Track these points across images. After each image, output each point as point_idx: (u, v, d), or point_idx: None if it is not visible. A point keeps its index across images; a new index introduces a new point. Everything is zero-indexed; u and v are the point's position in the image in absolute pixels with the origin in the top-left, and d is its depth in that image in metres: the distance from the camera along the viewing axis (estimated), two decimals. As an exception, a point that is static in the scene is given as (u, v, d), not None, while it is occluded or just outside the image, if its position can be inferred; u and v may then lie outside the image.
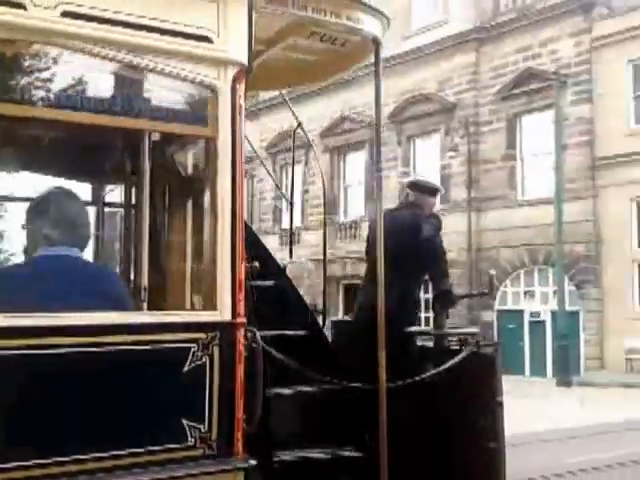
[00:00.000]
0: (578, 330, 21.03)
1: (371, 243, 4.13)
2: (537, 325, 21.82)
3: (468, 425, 3.35)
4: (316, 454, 3.34)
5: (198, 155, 2.70)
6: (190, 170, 2.91)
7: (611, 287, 21.51)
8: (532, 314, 22.09)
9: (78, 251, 2.49)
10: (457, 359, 3.35)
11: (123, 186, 3.04)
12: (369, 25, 2.97)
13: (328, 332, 4.00)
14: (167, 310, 2.68)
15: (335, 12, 2.83)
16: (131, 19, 2.41)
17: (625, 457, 8.13)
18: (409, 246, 3.79)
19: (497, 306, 22.70)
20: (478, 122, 23.02)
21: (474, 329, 3.79)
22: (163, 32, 2.46)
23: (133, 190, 2.98)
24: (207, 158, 2.57)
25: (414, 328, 3.80)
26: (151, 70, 2.46)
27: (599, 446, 6.69)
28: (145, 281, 2.34)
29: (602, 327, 21.55)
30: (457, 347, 3.57)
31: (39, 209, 2.49)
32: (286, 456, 3.23)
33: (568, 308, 19.73)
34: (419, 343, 3.81)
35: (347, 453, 3.44)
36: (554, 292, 20.42)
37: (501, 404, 3.34)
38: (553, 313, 20.42)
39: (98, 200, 3.09)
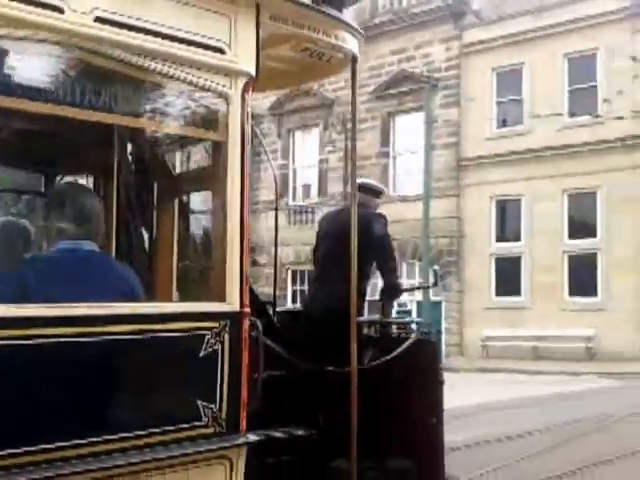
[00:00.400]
0: (440, 319, 22.62)
1: (320, 241, 4.50)
2: (404, 315, 23.27)
3: (414, 403, 3.82)
4: (277, 433, 3.66)
5: (208, 156, 2.92)
6: (201, 170, 3.12)
7: (471, 279, 23.39)
8: (399, 304, 23.44)
9: (95, 244, 2.65)
10: (406, 345, 3.82)
11: (149, 185, 3.17)
12: (351, 44, 3.33)
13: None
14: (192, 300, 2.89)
15: (326, 31, 3.17)
16: (154, 27, 2.59)
17: (479, 438, 9.08)
18: (360, 243, 4.19)
19: (368, 297, 23.81)
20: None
21: (419, 318, 4.27)
22: (181, 41, 2.67)
23: (156, 190, 3.14)
24: (217, 160, 2.81)
25: (363, 318, 4.23)
26: (170, 77, 2.65)
27: (456, 428, 7.37)
28: (175, 274, 2.56)
29: (462, 316, 23.40)
30: (401, 334, 4.04)
31: (57, 204, 2.62)
32: (252, 436, 3.52)
33: (432, 299, 21.12)
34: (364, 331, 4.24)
35: (301, 432, 3.78)
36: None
37: (442, 382, 3.85)
38: (419, 303, 21.63)
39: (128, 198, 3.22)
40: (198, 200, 3.07)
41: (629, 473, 7.38)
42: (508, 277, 23.01)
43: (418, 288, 15.57)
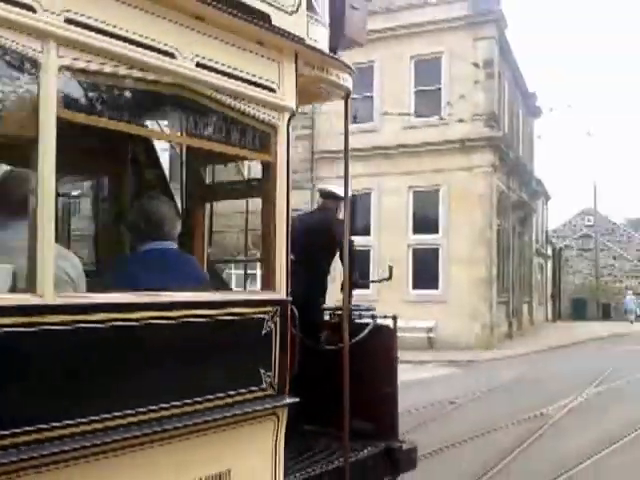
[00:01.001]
0: None
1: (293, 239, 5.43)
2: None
3: (375, 376, 4.93)
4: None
5: (262, 172, 3.80)
6: (256, 183, 3.97)
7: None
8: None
9: (174, 243, 3.46)
10: (368, 329, 4.92)
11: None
12: (349, 82, 4.34)
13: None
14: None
15: (336, 73, 4.16)
16: (228, 70, 3.43)
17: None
18: (323, 243, 5.23)
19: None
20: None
21: (373, 306, 5.35)
22: (244, 80, 3.53)
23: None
24: (268, 175, 3.72)
25: (326, 306, 5.27)
26: (233, 109, 3.50)
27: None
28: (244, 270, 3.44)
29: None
30: (359, 320, 5.13)
31: (141, 210, 3.39)
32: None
33: None
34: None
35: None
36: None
37: (397, 358, 5.01)
38: None
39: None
40: (252, 207, 3.93)
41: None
42: (358, 269, 24.86)
43: (375, 281, 16.53)
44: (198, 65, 3.27)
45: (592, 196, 44.33)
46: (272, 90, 3.66)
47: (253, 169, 4.09)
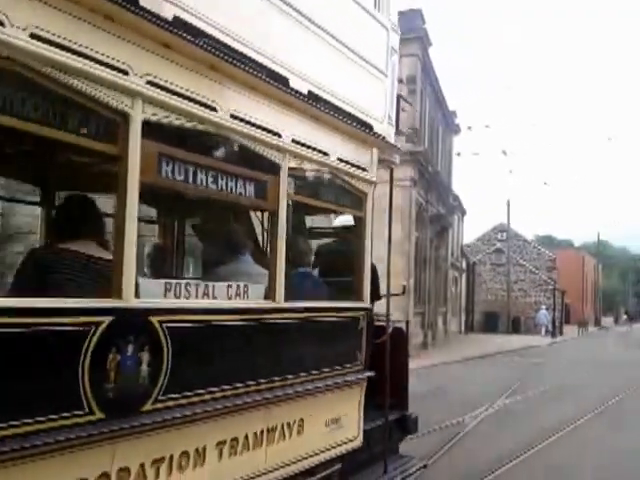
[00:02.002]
0: None
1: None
2: None
3: (393, 365, 7.33)
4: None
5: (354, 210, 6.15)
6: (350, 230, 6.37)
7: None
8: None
9: (309, 268, 5.83)
10: (390, 330, 7.36)
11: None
12: (397, 159, 6.81)
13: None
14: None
15: (390, 153, 6.60)
16: (345, 158, 5.81)
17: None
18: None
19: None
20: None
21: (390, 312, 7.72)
22: (352, 165, 5.91)
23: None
24: (360, 223, 6.11)
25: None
26: (346, 183, 5.86)
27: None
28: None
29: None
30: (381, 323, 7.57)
31: (299, 248, 5.73)
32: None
33: None
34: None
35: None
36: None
37: (408, 353, 7.50)
38: None
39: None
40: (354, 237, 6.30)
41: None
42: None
43: (393, 295, 18.35)
44: (339, 160, 5.62)
45: (505, 212, 48.66)
46: (365, 170, 6.07)
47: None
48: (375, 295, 7.21)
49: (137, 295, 3.47)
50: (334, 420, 5.76)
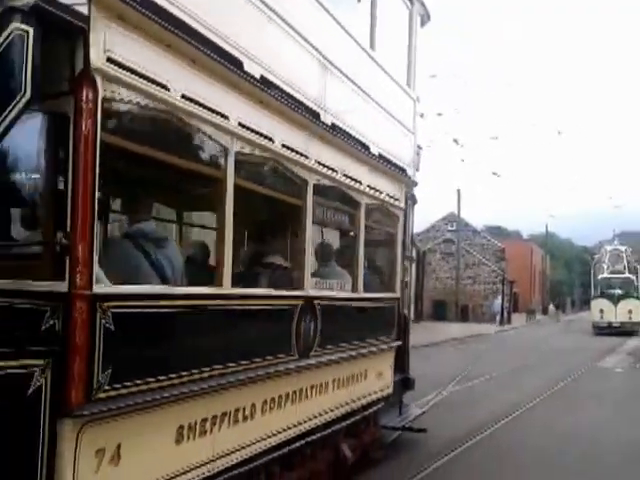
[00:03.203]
0: None
1: None
2: None
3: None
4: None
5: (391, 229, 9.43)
6: (389, 240, 9.59)
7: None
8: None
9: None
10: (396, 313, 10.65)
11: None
12: (414, 190, 10.11)
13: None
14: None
15: (410, 189, 9.89)
16: (382, 189, 9.04)
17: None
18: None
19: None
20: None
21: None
22: (393, 198, 9.15)
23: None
24: (394, 238, 9.40)
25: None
26: (386, 208, 9.10)
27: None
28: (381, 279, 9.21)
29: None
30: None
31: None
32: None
33: None
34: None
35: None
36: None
37: (409, 331, 10.85)
38: None
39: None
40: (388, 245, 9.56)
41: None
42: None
43: None
44: (388, 196, 8.83)
45: (456, 202, 52.59)
46: (397, 200, 9.32)
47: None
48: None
49: (308, 288, 6.63)
50: (379, 373, 9.06)
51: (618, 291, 45.14)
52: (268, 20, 5.61)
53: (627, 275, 47.80)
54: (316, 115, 6.56)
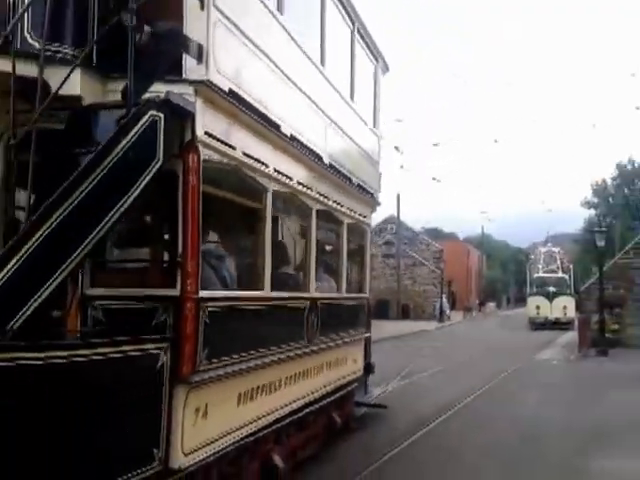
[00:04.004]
0: None
1: None
2: None
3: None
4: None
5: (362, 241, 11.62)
6: (360, 245, 11.76)
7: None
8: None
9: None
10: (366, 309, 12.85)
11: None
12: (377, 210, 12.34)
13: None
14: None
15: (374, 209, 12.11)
16: (355, 210, 11.22)
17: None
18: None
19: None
20: None
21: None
22: (363, 216, 11.33)
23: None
24: (362, 250, 11.60)
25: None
26: (356, 224, 11.30)
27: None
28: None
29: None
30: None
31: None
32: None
33: None
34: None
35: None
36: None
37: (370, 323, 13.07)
38: None
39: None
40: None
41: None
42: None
43: None
44: (360, 215, 10.99)
45: (395, 205, 55.15)
46: (366, 217, 11.54)
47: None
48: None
49: (313, 291, 8.71)
50: (354, 359, 11.22)
51: (552, 289, 48.18)
52: (294, 92, 7.73)
53: (561, 275, 51.38)
54: (320, 158, 8.69)
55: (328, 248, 10.50)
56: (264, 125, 6.80)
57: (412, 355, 24.75)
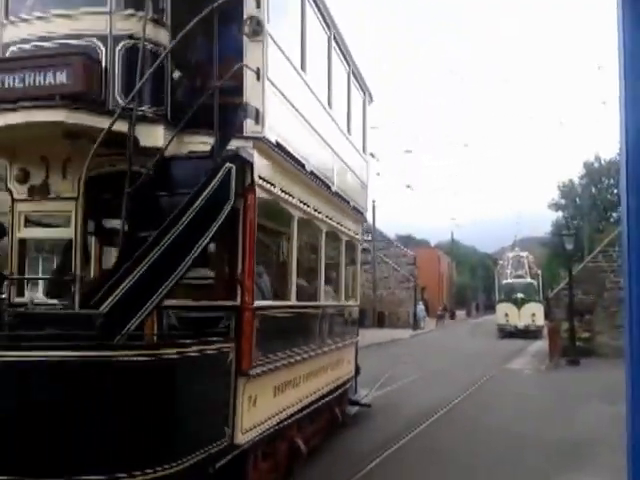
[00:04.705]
0: None
1: None
2: None
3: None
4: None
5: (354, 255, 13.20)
6: (353, 258, 13.29)
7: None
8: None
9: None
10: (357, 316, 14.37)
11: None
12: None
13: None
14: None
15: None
16: (348, 228, 12.80)
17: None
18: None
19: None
20: None
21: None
22: (355, 232, 12.92)
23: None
24: (356, 256, 13.17)
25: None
26: (350, 238, 12.87)
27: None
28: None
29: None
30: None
31: None
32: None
33: None
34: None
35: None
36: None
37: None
38: None
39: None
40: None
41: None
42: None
43: None
44: (353, 232, 12.56)
45: (371, 213, 56.66)
46: (358, 234, 13.21)
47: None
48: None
49: (322, 300, 10.25)
50: (348, 361, 12.80)
51: (521, 295, 48.09)
52: (312, 134, 9.34)
53: (529, 280, 51.53)
54: (328, 187, 10.27)
55: (331, 262, 12.04)
56: (294, 165, 8.41)
57: (390, 363, 25.04)
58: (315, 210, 9.73)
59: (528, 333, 45.50)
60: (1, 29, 7.49)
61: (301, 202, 8.94)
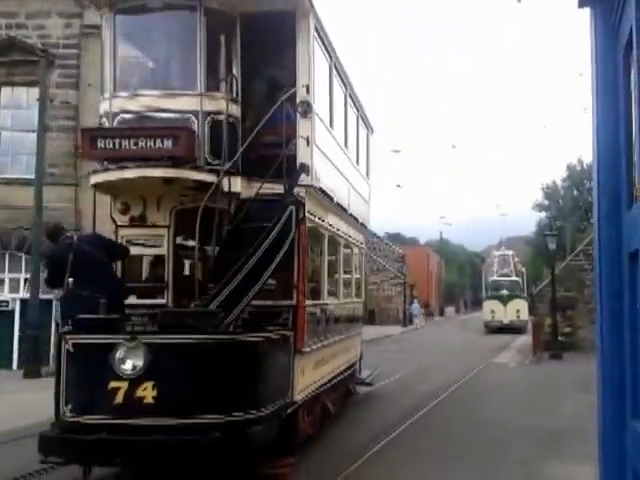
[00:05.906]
0: (50, 319, 22.15)
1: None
2: (4, 315, 24.08)
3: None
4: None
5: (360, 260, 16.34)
6: (359, 262, 16.44)
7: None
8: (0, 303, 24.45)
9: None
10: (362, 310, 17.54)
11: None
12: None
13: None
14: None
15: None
16: (353, 236, 15.95)
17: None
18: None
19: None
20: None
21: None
22: (360, 242, 16.11)
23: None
24: (361, 261, 16.31)
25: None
26: (356, 247, 16.02)
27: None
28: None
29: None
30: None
31: None
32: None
33: (42, 297, 21.09)
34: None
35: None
36: (26, 280, 23.50)
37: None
38: (23, 302, 23.33)
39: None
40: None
41: None
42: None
43: None
44: (359, 242, 15.72)
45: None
46: (362, 243, 16.48)
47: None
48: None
49: (341, 298, 13.44)
50: (356, 347, 16.05)
51: (506, 292, 50.87)
52: (335, 172, 12.47)
53: (514, 278, 54.53)
54: (345, 210, 13.54)
55: (346, 268, 15.16)
56: (327, 200, 11.64)
57: (382, 359, 25.19)
58: (337, 229, 13.04)
59: (513, 328, 47.91)
60: (111, 101, 10.31)
61: (330, 225, 12.24)
